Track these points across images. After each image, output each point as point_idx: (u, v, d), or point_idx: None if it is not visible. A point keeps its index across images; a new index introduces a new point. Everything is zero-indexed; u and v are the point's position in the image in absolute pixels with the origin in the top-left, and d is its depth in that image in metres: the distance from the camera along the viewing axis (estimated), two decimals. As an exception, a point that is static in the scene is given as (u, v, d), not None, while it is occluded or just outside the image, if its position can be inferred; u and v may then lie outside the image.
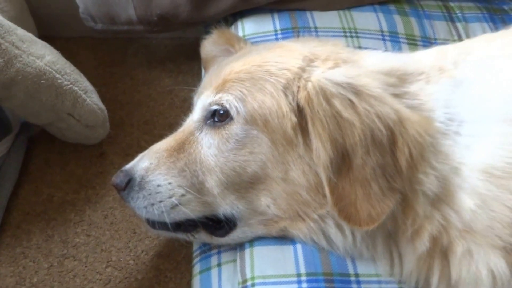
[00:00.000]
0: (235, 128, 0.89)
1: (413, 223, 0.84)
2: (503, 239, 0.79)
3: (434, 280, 0.86)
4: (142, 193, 0.94)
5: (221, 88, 0.92)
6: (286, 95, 0.87)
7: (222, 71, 0.95)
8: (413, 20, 1.42)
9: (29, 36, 1.42)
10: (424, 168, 0.83)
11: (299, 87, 0.87)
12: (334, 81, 0.84)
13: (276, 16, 1.41)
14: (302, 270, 0.90)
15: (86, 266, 1.37)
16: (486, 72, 0.92)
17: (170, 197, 0.92)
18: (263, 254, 0.94)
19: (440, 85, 0.91)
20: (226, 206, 0.93)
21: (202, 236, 0.99)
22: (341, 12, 1.42)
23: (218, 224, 0.96)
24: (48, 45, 1.47)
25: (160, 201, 0.93)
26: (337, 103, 0.82)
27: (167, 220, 0.94)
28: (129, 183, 0.95)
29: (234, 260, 0.98)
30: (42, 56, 1.39)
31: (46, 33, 1.71)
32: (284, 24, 1.38)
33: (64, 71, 1.43)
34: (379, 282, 0.91)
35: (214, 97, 0.92)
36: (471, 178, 0.82)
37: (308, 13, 1.41)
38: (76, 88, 1.45)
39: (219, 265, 1.00)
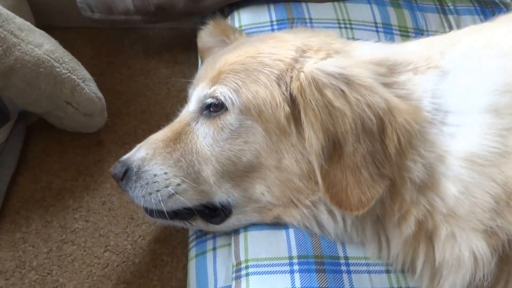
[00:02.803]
0: (230, 118, 0.91)
1: (400, 208, 0.86)
2: (484, 223, 0.81)
3: (419, 262, 0.88)
4: (140, 182, 0.96)
5: (216, 79, 0.93)
6: (279, 85, 0.89)
7: (217, 62, 0.97)
8: (406, 12, 1.44)
9: (28, 24, 1.42)
10: (412, 155, 0.84)
11: (292, 77, 0.88)
12: (326, 71, 0.85)
13: (272, 7, 1.42)
14: (294, 253, 0.92)
15: (84, 251, 1.39)
16: (471, 62, 0.93)
17: (167, 187, 0.94)
18: (257, 238, 0.96)
19: (427, 75, 0.92)
20: (222, 194, 0.94)
21: (199, 224, 1.01)
22: (336, 4, 1.43)
23: (214, 212, 0.98)
24: (46, 34, 1.47)
25: (157, 191, 0.95)
26: (329, 93, 0.84)
27: (164, 208, 0.96)
28: (127, 173, 0.97)
29: (229, 244, 1.01)
30: (41, 44, 1.40)
31: (43, 23, 1.70)
32: (280, 15, 1.39)
33: (63, 60, 1.44)
34: (367, 264, 0.93)
35: (209, 89, 0.93)
36: (454, 166, 0.84)
37: (303, 4, 1.42)
38: (74, 77, 1.45)
39: (214, 249, 1.02)
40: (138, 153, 0.98)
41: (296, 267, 0.90)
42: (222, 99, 0.91)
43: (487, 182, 0.82)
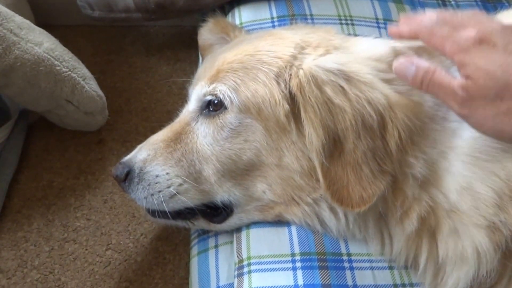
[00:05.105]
0: (229, 117, 0.90)
1: (402, 205, 0.85)
2: (487, 219, 0.81)
3: (422, 258, 0.87)
4: (142, 184, 0.96)
5: (215, 78, 0.92)
6: (278, 83, 0.88)
7: (215, 61, 0.96)
8: (407, 8, 1.43)
9: (27, 23, 1.41)
10: (413, 151, 0.84)
11: (291, 75, 0.88)
12: (325, 68, 0.85)
13: (272, 3, 1.41)
14: (297, 250, 0.92)
15: (86, 249, 1.39)
16: None
17: (169, 187, 0.94)
18: (259, 236, 0.96)
19: None
20: (223, 193, 0.94)
21: (200, 223, 1.01)
22: (337, 0, 1.42)
23: (216, 211, 0.98)
24: (46, 32, 1.47)
25: (159, 191, 0.94)
26: (328, 89, 0.83)
27: (166, 209, 0.95)
28: (129, 174, 0.97)
29: (231, 242, 1.00)
30: (40, 43, 1.39)
31: (43, 21, 1.70)
32: (280, 12, 1.38)
33: (63, 58, 1.43)
34: (370, 261, 0.93)
35: (208, 87, 0.93)
36: (457, 162, 0.83)
37: (304, 1, 1.41)
38: (74, 75, 1.45)
39: (216, 246, 1.02)
40: (140, 154, 0.98)
41: (298, 264, 0.90)
42: (221, 97, 0.91)
43: (490, 177, 0.81)
